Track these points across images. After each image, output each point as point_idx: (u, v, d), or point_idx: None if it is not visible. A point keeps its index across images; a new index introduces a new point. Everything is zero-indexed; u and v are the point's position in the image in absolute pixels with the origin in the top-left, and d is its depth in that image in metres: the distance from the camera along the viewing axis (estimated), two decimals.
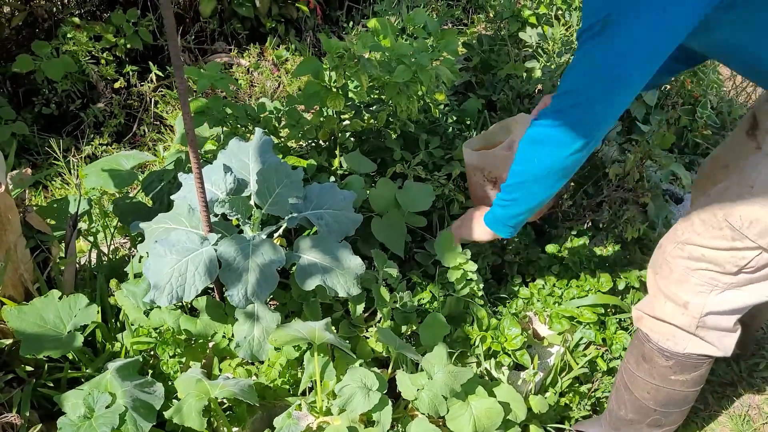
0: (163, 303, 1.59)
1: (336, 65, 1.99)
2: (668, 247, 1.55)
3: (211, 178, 1.81)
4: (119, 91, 3.64)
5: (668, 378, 1.66)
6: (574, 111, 1.37)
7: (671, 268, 1.54)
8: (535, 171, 1.51)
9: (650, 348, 1.65)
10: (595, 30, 1.25)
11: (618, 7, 1.22)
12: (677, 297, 1.55)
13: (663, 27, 1.22)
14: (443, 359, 1.64)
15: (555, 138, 1.41)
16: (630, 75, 1.29)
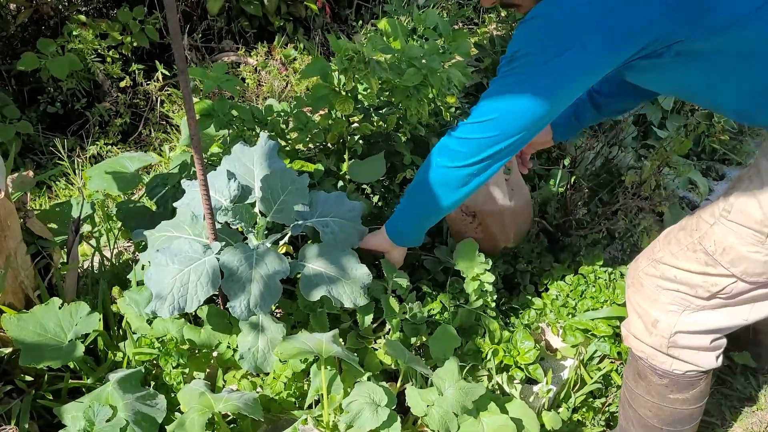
0: (164, 314, 1.55)
1: (345, 68, 1.94)
2: (643, 263, 1.51)
3: (215, 184, 1.76)
4: (125, 90, 3.60)
5: (667, 397, 1.59)
6: (475, 128, 1.40)
7: (642, 283, 1.50)
8: (426, 177, 1.55)
9: (642, 365, 1.59)
10: (507, 59, 1.30)
11: (527, 46, 1.27)
12: (647, 314, 1.50)
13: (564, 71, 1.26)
14: (455, 374, 1.59)
15: (452, 150, 1.46)
16: (531, 111, 1.31)
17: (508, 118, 1.33)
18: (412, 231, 1.72)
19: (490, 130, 1.36)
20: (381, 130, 2.31)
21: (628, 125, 2.60)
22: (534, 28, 1.25)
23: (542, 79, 1.26)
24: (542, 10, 1.24)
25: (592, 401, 1.91)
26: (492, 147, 1.39)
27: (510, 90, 1.30)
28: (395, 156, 2.33)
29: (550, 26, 1.23)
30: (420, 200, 1.63)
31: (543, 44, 1.24)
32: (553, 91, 1.28)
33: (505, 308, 2.02)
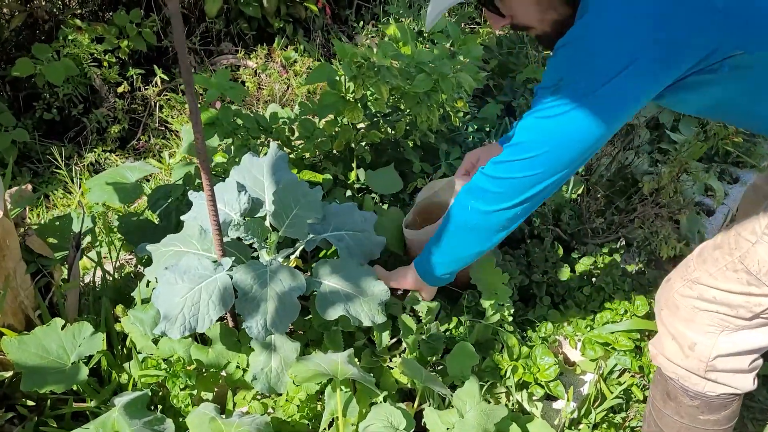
0: (175, 335, 1.48)
1: (354, 75, 1.87)
2: (677, 284, 1.43)
3: (223, 197, 1.70)
4: (123, 96, 3.53)
5: (697, 418, 1.53)
6: (515, 167, 1.29)
7: (678, 305, 1.43)
8: (461, 222, 1.44)
9: (673, 386, 1.53)
10: (548, 89, 1.20)
11: (571, 74, 1.18)
12: (683, 337, 1.43)
13: (618, 96, 1.17)
14: (475, 396, 1.53)
15: (488, 192, 1.35)
16: (580, 141, 1.23)
17: (556, 152, 1.23)
18: (445, 273, 1.62)
19: (536, 167, 1.25)
20: (389, 137, 2.25)
21: (642, 129, 2.55)
22: (576, 54, 1.16)
23: (593, 108, 1.16)
24: (581, 33, 1.16)
25: (612, 416, 1.85)
26: (536, 185, 1.29)
27: (558, 123, 1.19)
28: (404, 164, 2.27)
29: (594, 50, 1.14)
30: (454, 245, 1.52)
31: (589, 70, 1.15)
32: (604, 119, 1.19)
33: (521, 321, 1.96)
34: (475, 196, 1.38)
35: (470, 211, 1.40)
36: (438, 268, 1.58)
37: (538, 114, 1.23)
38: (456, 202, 1.46)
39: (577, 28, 1.16)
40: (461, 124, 2.47)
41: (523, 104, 2.83)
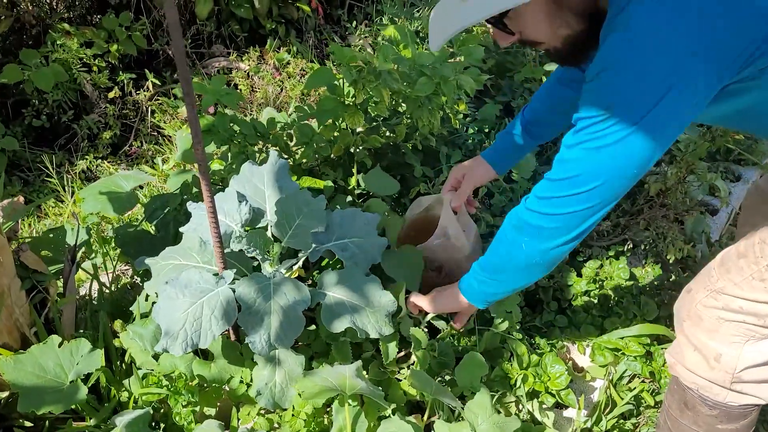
0: (176, 351, 1.43)
1: (355, 80, 1.83)
2: (699, 294, 1.38)
3: (223, 207, 1.65)
4: (114, 101, 3.46)
5: (715, 427, 1.49)
6: (570, 201, 1.23)
7: (701, 316, 1.38)
8: (518, 261, 1.39)
9: (692, 395, 1.49)
10: (594, 120, 1.14)
11: (618, 100, 1.11)
12: (707, 348, 1.39)
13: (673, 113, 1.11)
14: (487, 408, 1.49)
15: (544, 229, 1.29)
16: (637, 166, 1.18)
17: (614, 181, 1.19)
18: (501, 297, 1.59)
19: (594, 198, 1.21)
20: (389, 141, 2.21)
21: None
22: (623, 77, 1.10)
23: (649, 129, 1.11)
24: (624, 55, 1.09)
25: (623, 423, 1.82)
26: (595, 215, 1.25)
27: (615, 151, 1.14)
28: (405, 168, 2.23)
29: (643, 70, 1.07)
30: (513, 280, 1.47)
31: (641, 92, 1.09)
32: (660, 139, 1.14)
33: (528, 327, 1.93)
34: (529, 234, 1.33)
35: (527, 250, 1.35)
36: (495, 296, 1.55)
37: (589, 145, 1.16)
38: (505, 240, 1.40)
39: (617, 49, 1.10)
40: (461, 126, 2.43)
41: (522, 104, 2.80)
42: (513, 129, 1.84)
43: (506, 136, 1.86)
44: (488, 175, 1.89)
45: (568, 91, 1.72)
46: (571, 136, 1.21)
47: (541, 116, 1.79)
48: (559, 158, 1.24)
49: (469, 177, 1.87)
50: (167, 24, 1.14)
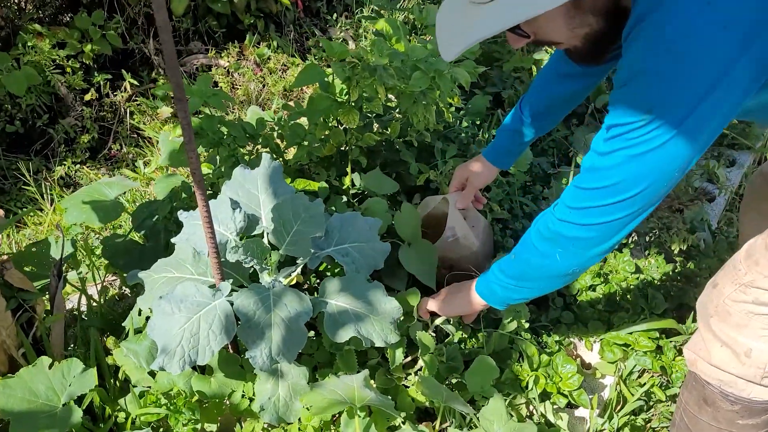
0: (174, 370, 1.36)
1: (348, 77, 1.76)
2: (727, 289, 1.34)
3: (217, 215, 1.57)
4: (90, 103, 3.35)
5: (736, 423, 1.46)
6: (608, 210, 1.18)
7: (729, 311, 1.34)
8: (552, 271, 1.34)
9: (712, 391, 1.45)
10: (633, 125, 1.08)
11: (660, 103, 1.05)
12: (736, 343, 1.35)
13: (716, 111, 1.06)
14: (502, 414, 1.44)
15: (581, 239, 1.24)
16: (679, 168, 1.13)
17: (655, 186, 1.13)
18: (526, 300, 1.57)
19: (636, 204, 1.16)
20: (384, 139, 2.14)
21: None
22: (659, 83, 1.04)
23: (692, 130, 1.06)
24: (660, 60, 1.02)
25: (634, 419, 1.79)
26: (635, 220, 1.21)
27: (658, 155, 1.09)
28: (400, 165, 2.16)
29: (685, 72, 1.02)
30: (542, 287, 1.43)
31: (683, 94, 1.03)
32: (702, 138, 1.09)
33: (534, 326, 1.88)
34: (563, 246, 1.27)
35: (562, 261, 1.30)
36: (519, 300, 1.51)
37: (629, 152, 1.10)
38: (536, 251, 1.34)
39: (655, 52, 1.03)
40: (454, 120, 2.37)
41: (512, 95, 2.75)
42: (512, 124, 1.80)
43: (505, 132, 1.82)
44: (492, 174, 1.87)
45: (568, 83, 1.69)
46: (604, 143, 1.14)
47: (541, 110, 1.75)
48: (592, 166, 1.18)
49: (474, 179, 1.86)
50: (156, 25, 1.06)
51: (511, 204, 2.24)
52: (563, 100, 1.76)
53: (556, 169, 2.41)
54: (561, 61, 1.67)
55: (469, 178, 1.87)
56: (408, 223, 1.81)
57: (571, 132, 2.61)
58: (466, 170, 1.88)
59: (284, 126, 2.04)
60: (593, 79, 1.70)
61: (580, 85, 1.70)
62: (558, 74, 1.70)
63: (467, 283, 1.60)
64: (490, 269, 1.50)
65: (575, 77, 1.67)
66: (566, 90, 1.71)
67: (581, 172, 1.21)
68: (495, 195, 2.22)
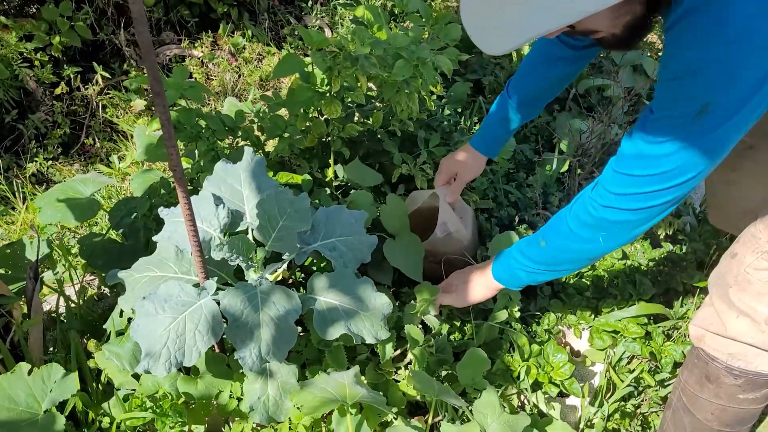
0: (160, 372, 1.32)
1: (330, 66, 1.72)
2: (748, 258, 1.35)
3: (199, 212, 1.53)
4: (60, 97, 3.25)
5: (736, 397, 1.48)
6: (659, 194, 1.19)
7: (750, 280, 1.35)
8: (591, 254, 1.38)
9: (716, 367, 1.47)
10: (691, 117, 1.09)
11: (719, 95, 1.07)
12: (755, 312, 1.36)
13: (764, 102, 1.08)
14: (496, 407, 1.42)
15: (629, 222, 1.26)
16: (724, 153, 1.16)
17: (705, 171, 1.15)
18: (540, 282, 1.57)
19: (685, 188, 1.18)
20: (366, 129, 2.10)
21: (618, 98, 2.47)
22: (719, 77, 1.04)
23: (742, 120, 1.08)
24: (720, 55, 1.02)
25: (624, 405, 1.79)
26: (679, 201, 1.23)
27: (707, 145, 1.12)
28: (383, 155, 2.13)
29: (740, 69, 1.02)
30: (568, 269, 1.46)
31: (739, 87, 1.04)
32: (749, 124, 1.11)
33: (524, 315, 1.87)
34: (608, 229, 1.28)
35: (605, 244, 1.31)
36: (541, 282, 1.54)
37: (684, 142, 1.11)
38: (576, 237, 1.34)
39: (714, 47, 1.02)
40: (436, 108, 2.34)
41: (493, 81, 2.72)
42: (499, 111, 1.78)
43: (493, 120, 1.81)
44: (481, 165, 1.86)
45: (560, 66, 1.68)
46: (653, 132, 1.14)
47: (530, 95, 1.74)
48: (639, 153, 1.17)
49: (464, 172, 1.85)
50: (133, 18, 1.01)
51: (495, 192, 2.22)
52: (554, 83, 1.75)
53: (540, 156, 2.39)
54: (551, 45, 1.66)
55: (459, 173, 1.86)
56: (395, 215, 1.78)
57: (554, 118, 2.59)
58: (454, 163, 1.86)
59: (264, 118, 1.99)
60: (585, 61, 1.71)
61: (572, 68, 1.70)
62: (548, 58, 1.69)
63: (476, 271, 1.61)
64: (510, 255, 1.50)
65: (567, 60, 1.66)
66: (557, 73, 1.71)
67: (624, 158, 1.21)
68: (479, 184, 2.20)
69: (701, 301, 1.51)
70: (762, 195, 1.46)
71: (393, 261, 1.74)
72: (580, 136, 2.16)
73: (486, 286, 1.58)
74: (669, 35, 1.10)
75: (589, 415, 1.67)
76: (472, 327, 1.70)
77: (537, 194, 2.14)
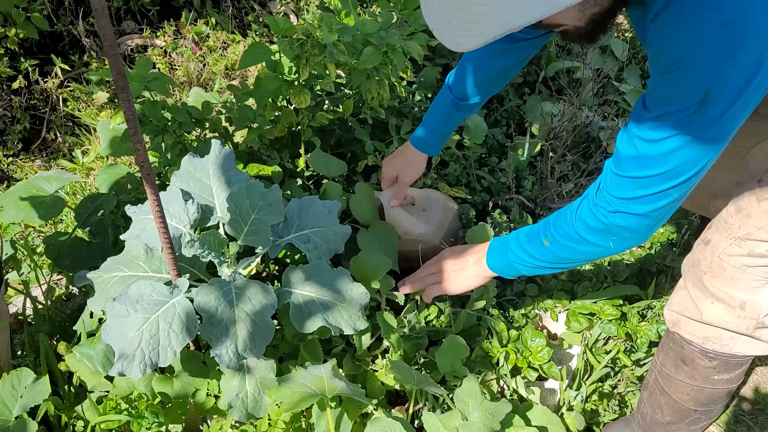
0: (135, 375, 1.29)
1: (297, 55, 1.68)
2: (722, 244, 1.36)
3: (168, 208, 1.49)
4: (19, 91, 3.15)
5: (711, 378, 1.51)
6: (667, 194, 1.15)
7: (723, 266, 1.36)
8: (600, 255, 1.34)
9: (691, 350, 1.48)
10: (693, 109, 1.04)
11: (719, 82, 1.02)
12: (730, 298, 1.37)
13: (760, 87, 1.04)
14: (477, 395, 1.42)
15: (640, 225, 1.21)
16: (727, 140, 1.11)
17: (712, 159, 1.11)
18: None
19: (691, 182, 1.14)
20: (337, 117, 2.07)
21: (588, 80, 2.48)
22: (719, 62, 1.00)
23: (745, 104, 1.04)
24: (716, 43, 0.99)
25: (601, 386, 1.81)
26: (683, 198, 1.19)
27: (710, 137, 1.07)
28: (355, 144, 2.10)
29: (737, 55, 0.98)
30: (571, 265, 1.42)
31: (737, 73, 1.00)
32: (750, 108, 1.07)
33: (500, 300, 1.87)
34: (618, 234, 1.23)
35: (617, 247, 1.27)
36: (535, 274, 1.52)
37: (687, 136, 1.07)
38: (584, 242, 1.29)
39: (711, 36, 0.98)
40: (407, 95, 2.32)
41: None
42: (441, 108, 1.73)
43: (435, 116, 1.75)
44: (422, 165, 1.81)
45: (504, 60, 1.63)
46: (652, 130, 1.09)
47: (474, 89, 1.67)
48: (640, 155, 1.12)
49: (404, 174, 1.80)
50: (94, 11, 0.97)
51: (468, 178, 2.21)
52: (498, 75, 1.69)
53: (512, 140, 2.39)
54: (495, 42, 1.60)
55: (399, 176, 1.81)
56: (364, 204, 1.76)
57: (524, 101, 2.59)
58: (394, 166, 1.81)
59: (232, 108, 1.95)
60: (531, 52, 1.66)
61: (517, 60, 1.65)
62: (493, 52, 1.61)
63: (469, 258, 1.54)
64: (508, 248, 1.44)
65: (513, 52, 1.61)
66: (502, 66, 1.65)
67: (623, 160, 1.16)
68: (453, 170, 2.19)
69: (675, 282, 1.52)
70: (729, 177, 1.46)
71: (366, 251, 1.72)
72: (551, 120, 2.16)
73: (480, 275, 1.52)
74: (654, 27, 1.05)
75: (568, 398, 1.68)
76: (450, 314, 1.70)
77: (510, 178, 2.13)
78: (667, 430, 1.66)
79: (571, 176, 2.04)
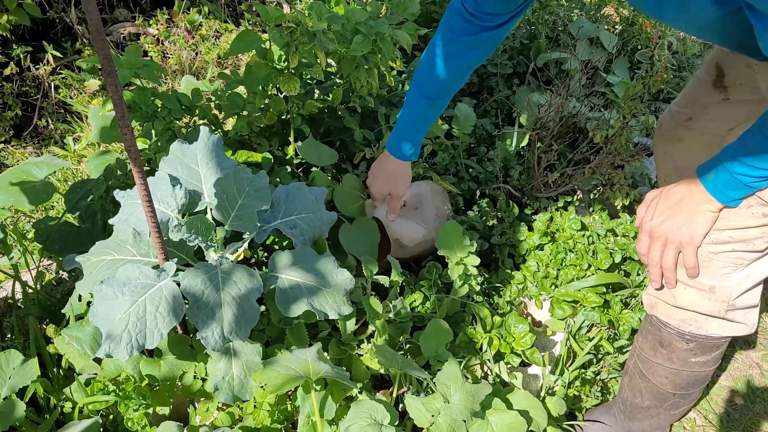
0: (122, 356, 1.31)
1: (287, 43, 1.70)
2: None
3: (156, 194, 1.51)
4: (10, 78, 3.15)
5: (689, 361, 1.54)
6: None
7: None
8: None
9: (668, 333, 1.52)
10: None
11: None
12: (700, 283, 1.41)
13: None
14: (458, 378, 1.45)
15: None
16: None
17: None
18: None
19: None
20: (326, 106, 2.09)
21: (576, 71, 2.50)
22: None
23: None
24: None
25: (584, 372, 1.84)
26: None
27: None
28: (344, 132, 2.12)
29: None
30: None
31: None
32: None
33: (485, 287, 1.89)
34: None
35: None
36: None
37: None
38: None
39: None
40: (397, 84, 2.33)
41: None
42: (415, 114, 1.72)
43: (411, 124, 1.74)
44: (408, 172, 1.82)
45: (471, 53, 1.60)
46: None
47: (443, 87, 1.67)
48: None
49: (394, 188, 1.81)
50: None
51: (456, 167, 2.23)
52: (466, 69, 1.68)
53: (500, 130, 2.41)
54: (458, 32, 1.57)
55: (392, 192, 1.81)
56: (349, 197, 1.77)
57: (513, 92, 2.61)
58: (382, 184, 1.81)
59: (222, 96, 1.96)
60: (495, 42, 1.62)
61: (482, 50, 1.62)
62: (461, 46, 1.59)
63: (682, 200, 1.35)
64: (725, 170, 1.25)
65: (480, 42, 1.57)
66: (470, 59, 1.63)
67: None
68: (441, 159, 2.21)
69: None
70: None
71: (348, 246, 1.73)
72: (539, 110, 2.18)
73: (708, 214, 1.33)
74: None
75: (550, 383, 1.71)
76: (435, 301, 1.72)
77: (497, 168, 2.15)
78: (648, 415, 1.69)
79: (558, 166, 2.06)
